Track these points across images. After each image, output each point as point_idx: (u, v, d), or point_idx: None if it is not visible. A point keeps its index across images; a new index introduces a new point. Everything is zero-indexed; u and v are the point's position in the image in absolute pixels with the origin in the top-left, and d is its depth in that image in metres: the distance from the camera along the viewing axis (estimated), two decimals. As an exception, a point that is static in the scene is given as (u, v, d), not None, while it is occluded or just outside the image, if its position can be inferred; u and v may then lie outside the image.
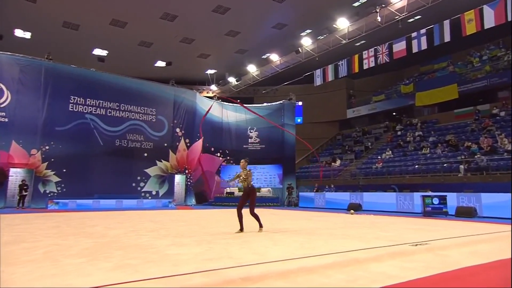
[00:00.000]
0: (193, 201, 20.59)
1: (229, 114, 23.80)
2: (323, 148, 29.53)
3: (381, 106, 26.90)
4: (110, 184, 16.87)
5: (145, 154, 18.64)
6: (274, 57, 24.44)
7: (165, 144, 19.52)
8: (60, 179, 15.84)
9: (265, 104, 24.78)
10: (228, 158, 22.96)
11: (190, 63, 26.40)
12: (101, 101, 17.48)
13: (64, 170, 15.97)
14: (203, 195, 21.51)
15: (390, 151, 21.68)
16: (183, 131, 20.29)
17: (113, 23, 20.17)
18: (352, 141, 27.08)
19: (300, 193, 20.63)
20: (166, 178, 19.38)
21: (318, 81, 21.37)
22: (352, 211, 13.79)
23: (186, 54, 24.81)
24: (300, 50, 22.31)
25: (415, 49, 16.33)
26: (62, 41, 21.42)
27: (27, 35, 20.80)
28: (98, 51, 23.47)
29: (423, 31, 15.77)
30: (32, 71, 15.76)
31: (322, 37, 21.19)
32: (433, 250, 4.82)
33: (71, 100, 16.55)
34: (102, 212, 12.82)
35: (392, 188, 18.11)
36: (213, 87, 29.28)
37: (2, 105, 14.94)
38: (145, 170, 18.55)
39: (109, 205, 16.09)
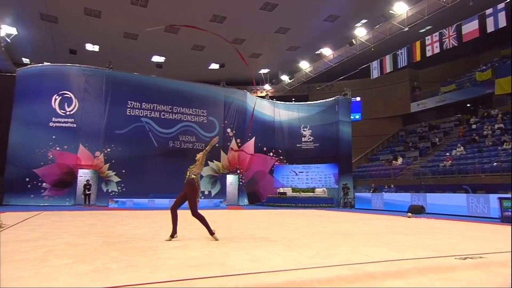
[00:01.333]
0: (246, 201, 20.54)
1: (281, 113, 23.32)
2: (383, 146, 27.40)
3: (452, 97, 23.99)
4: (164, 184, 17.54)
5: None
6: (327, 52, 23.35)
7: (217, 145, 19.73)
8: (120, 179, 16.96)
9: (319, 101, 23.76)
10: (281, 157, 22.50)
11: (242, 64, 26.42)
12: (155, 105, 18.33)
13: (124, 171, 17.06)
14: (256, 195, 21.35)
15: (462, 147, 19.15)
16: (234, 131, 20.37)
17: (168, 30, 21.08)
18: (417, 137, 24.65)
19: (357, 194, 19.28)
20: (218, 178, 19.60)
21: (375, 73, 19.83)
22: (409, 214, 12.33)
23: (238, 55, 24.92)
24: (354, 42, 20.95)
25: (490, 28, 14.16)
26: (124, 51, 23.02)
27: (96, 48, 22.87)
28: (156, 58, 24.82)
29: (501, 5, 13.55)
30: (95, 80, 17.15)
31: (378, 26, 19.59)
32: (485, 266, 3.83)
33: (129, 105, 17.63)
34: (152, 211, 13.32)
35: (464, 188, 15.92)
36: (266, 86, 29.09)
37: (71, 112, 16.50)
38: (197, 170, 18.93)
39: (163, 204, 16.70)
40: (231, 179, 20.60)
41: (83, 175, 16.71)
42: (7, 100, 16.35)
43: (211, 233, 5.37)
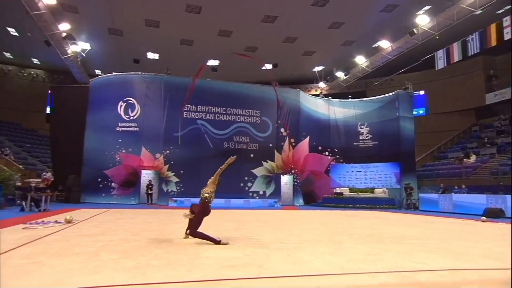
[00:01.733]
0: (301, 201, 20.24)
1: (337, 111, 22.56)
2: (452, 142, 25.02)
3: (536, 85, 21.04)
4: (223, 185, 17.97)
5: (252, 155, 19.27)
6: (385, 44, 22.04)
7: (270, 145, 19.79)
8: (178, 179, 17.84)
9: (376, 97, 22.52)
10: (337, 156, 21.78)
11: (295, 62, 26.23)
12: (210, 107, 18.94)
13: (182, 172, 17.90)
14: (312, 196, 20.92)
15: (550, 142, 16.67)
16: (287, 131, 20.20)
17: (220, 33, 21.70)
18: (494, 132, 22.06)
19: (421, 195, 17.87)
20: (273, 178, 19.59)
21: (440, 64, 18.26)
22: (483, 217, 11.03)
23: (291, 54, 24.74)
24: (415, 31, 19.46)
25: None
26: (181, 57, 24.16)
27: (156, 56, 24.42)
28: (211, 62, 25.65)
29: None
30: (154, 86, 18.29)
31: (443, 12, 17.93)
32: None
33: (185, 108, 18.45)
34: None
35: (553, 189, 13.83)
36: (321, 84, 28.42)
37: (134, 117, 17.79)
38: (252, 170, 19.17)
39: (219, 204, 17.12)
40: (286, 179, 20.45)
41: (146, 176, 17.86)
42: (83, 109, 18.21)
43: (217, 242, 4.98)
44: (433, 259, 4.06)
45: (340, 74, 26.62)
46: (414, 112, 22.31)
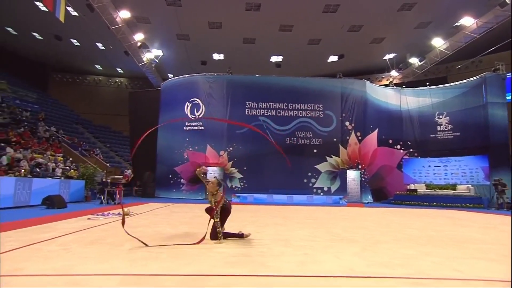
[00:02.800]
0: (369, 198, 19.07)
1: (410, 101, 20.67)
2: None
3: None
4: (283, 180, 17.98)
5: (315, 150, 18.79)
6: (468, 21, 19.38)
7: (335, 139, 19.04)
8: (242, 176, 18.29)
9: (457, 82, 20.00)
10: (411, 150, 19.99)
11: (362, 52, 24.72)
12: (271, 103, 18.97)
13: (245, 168, 18.31)
14: (382, 192, 19.56)
15: None
16: (353, 124, 19.19)
17: (281, 28, 21.55)
18: None
19: (516, 193, 15.34)
20: (338, 174, 18.83)
21: (540, 37, 15.39)
22: None
23: (357, 43, 23.39)
24: (507, 0, 16.71)
25: None
26: (245, 55, 24.65)
27: (221, 56, 25.35)
28: (274, 58, 25.69)
29: None
30: (217, 86, 19.02)
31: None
32: None
33: (247, 105, 18.80)
34: (268, 206, 13.78)
35: None
36: (393, 72, 26.28)
37: (199, 117, 18.76)
38: (315, 166, 18.70)
39: (281, 200, 17.18)
40: (353, 175, 19.45)
41: (212, 172, 18.68)
42: (156, 110, 19.89)
43: (241, 236, 4.98)
44: (484, 268, 3.41)
45: (414, 60, 24.28)
46: (508, 97, 19.21)
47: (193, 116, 18.85)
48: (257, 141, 18.49)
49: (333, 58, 25.59)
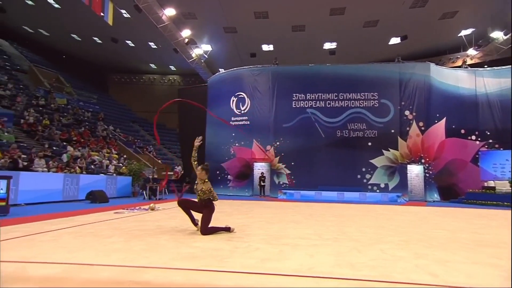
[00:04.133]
0: (436, 196, 17.61)
1: (488, 83, 18.51)
2: None
3: None
4: (333, 176, 17.52)
5: (369, 144, 17.93)
6: None
7: (392, 131, 17.92)
8: (290, 171, 18.24)
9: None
10: (490, 141, 17.95)
11: (430, 30, 22.71)
12: (319, 94, 18.54)
13: (293, 163, 18.23)
14: (452, 190, 17.89)
15: None
16: (414, 113, 17.86)
17: (332, 12, 20.83)
18: None
19: None
20: (396, 169, 17.73)
21: None
22: None
23: (423, 20, 21.56)
24: None
25: None
26: (296, 44, 24.37)
27: (271, 47, 25.41)
28: (327, 45, 24.96)
29: None
30: (262, 78, 19.16)
31: None
32: None
33: (294, 97, 18.64)
34: (313, 204, 13.59)
35: None
36: (471, 51, 23.70)
37: (245, 111, 19.15)
38: (370, 160, 17.85)
39: (331, 197, 16.77)
40: (416, 170, 18.11)
41: (261, 168, 18.97)
42: (204, 106, 20.79)
43: (228, 229, 5.27)
44: (472, 273, 3.03)
45: (498, 35, 21.60)
46: None
47: (238, 111, 19.30)
48: (306, 134, 18.28)
49: (395, 40, 24.00)
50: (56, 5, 22.16)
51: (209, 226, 5.10)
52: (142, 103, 31.68)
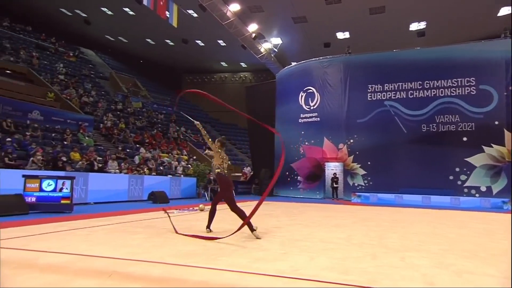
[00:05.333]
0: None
1: None
2: None
3: None
4: (418, 177, 16.42)
5: (465, 139, 16.35)
6: None
7: (496, 122, 16.04)
8: (365, 172, 17.61)
9: None
10: None
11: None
12: (400, 84, 17.52)
13: (369, 163, 17.56)
14: None
15: None
16: (524, 100, 15.76)
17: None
18: None
19: None
20: (502, 169, 15.84)
21: None
22: None
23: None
24: None
25: None
26: (375, 29, 23.31)
27: (346, 34, 24.77)
28: (414, 26, 23.32)
29: None
30: (332, 70, 18.82)
31: None
32: None
33: (369, 89, 17.93)
34: (392, 208, 13.01)
35: None
36: None
37: (314, 107, 19.06)
38: (466, 159, 16.26)
39: (414, 201, 15.75)
40: (531, 170, 15.96)
41: (334, 168, 18.71)
42: (272, 103, 21.31)
43: (252, 229, 5.37)
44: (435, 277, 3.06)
45: None
46: None
47: (307, 107, 19.31)
48: (384, 130, 17.46)
49: (506, 10, 21.23)
50: (131, 12, 24.90)
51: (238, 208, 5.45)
52: (213, 103, 33.36)
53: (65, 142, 15.50)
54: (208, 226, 5.93)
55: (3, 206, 7.65)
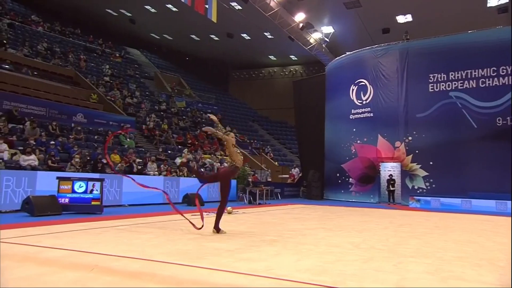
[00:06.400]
0: None
1: None
2: None
3: None
4: (491, 180, 15.36)
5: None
6: None
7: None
8: (427, 173, 16.87)
9: None
10: None
11: None
12: (468, 71, 16.56)
13: (431, 163, 16.81)
14: None
15: None
16: None
17: None
18: None
19: None
20: None
21: None
22: None
23: None
24: None
25: None
26: (442, 7, 22.06)
27: (408, 17, 23.86)
28: (493, 1, 21.64)
29: None
30: (387, 59, 18.27)
31: None
32: None
33: (430, 79, 17.15)
34: (457, 215, 12.52)
35: None
36: None
37: (367, 101, 18.67)
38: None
39: (486, 208, 14.84)
40: None
41: (392, 169, 18.16)
42: (322, 98, 21.24)
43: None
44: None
45: None
46: None
47: (359, 101, 18.99)
48: (449, 125, 16.61)
49: None
50: (174, 9, 26.26)
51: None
52: (263, 99, 34.19)
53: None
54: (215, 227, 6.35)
55: (38, 207, 8.66)
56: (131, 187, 11.92)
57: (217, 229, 6.26)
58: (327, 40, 25.44)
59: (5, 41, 20.96)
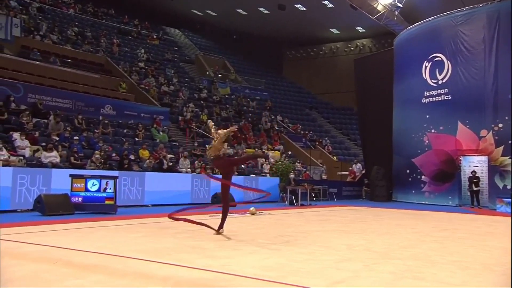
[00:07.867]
0: None
1: None
2: None
3: None
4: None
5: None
6: None
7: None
8: (520, 170, 16.18)
9: None
10: None
11: None
12: None
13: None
14: None
15: None
16: None
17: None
18: None
19: None
20: None
21: None
22: None
23: None
24: None
25: None
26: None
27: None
28: None
29: None
30: (471, 26, 17.51)
31: None
32: None
33: (525, 50, 16.33)
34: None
35: None
36: None
37: (443, 81, 18.05)
38: None
39: None
40: None
41: (475, 164, 17.53)
42: (390, 78, 20.85)
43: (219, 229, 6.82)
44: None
45: None
46: None
47: (434, 81, 18.49)
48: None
49: None
50: (217, -21, 27.16)
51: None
52: (323, 82, 34.07)
53: (137, 139, 18.08)
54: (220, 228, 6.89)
55: (49, 206, 9.76)
56: (155, 186, 12.91)
57: (218, 230, 6.80)
58: (401, 5, 24.77)
59: (32, 28, 23.07)
